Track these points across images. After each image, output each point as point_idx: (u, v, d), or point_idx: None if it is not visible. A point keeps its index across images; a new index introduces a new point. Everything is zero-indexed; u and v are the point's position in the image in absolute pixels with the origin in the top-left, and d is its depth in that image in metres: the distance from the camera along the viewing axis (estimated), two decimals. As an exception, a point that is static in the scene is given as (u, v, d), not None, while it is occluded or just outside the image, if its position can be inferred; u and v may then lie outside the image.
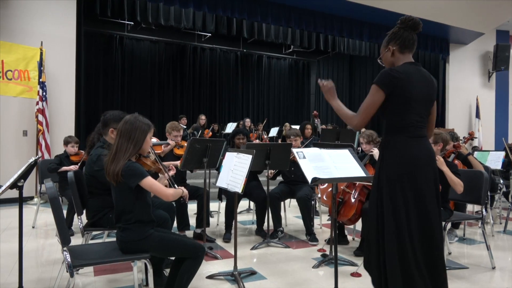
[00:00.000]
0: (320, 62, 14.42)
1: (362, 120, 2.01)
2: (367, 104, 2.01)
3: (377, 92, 1.98)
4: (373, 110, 2.01)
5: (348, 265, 3.34)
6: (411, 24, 2.06)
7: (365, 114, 2.00)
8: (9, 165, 5.95)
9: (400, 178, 1.96)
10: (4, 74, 6.21)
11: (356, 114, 2.04)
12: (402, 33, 2.06)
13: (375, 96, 1.99)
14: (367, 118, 2.01)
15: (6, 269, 3.15)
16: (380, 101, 1.99)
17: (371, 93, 2.01)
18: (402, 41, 2.05)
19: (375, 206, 2.07)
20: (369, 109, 2.00)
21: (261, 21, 8.03)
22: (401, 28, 2.07)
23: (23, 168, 2.38)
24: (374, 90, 1.99)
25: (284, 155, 3.96)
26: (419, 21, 2.07)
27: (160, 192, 2.14)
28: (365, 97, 2.04)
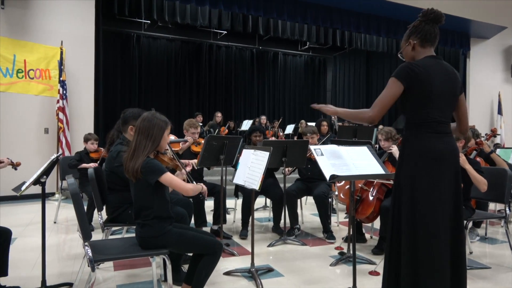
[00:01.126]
0: (337, 59, 14.29)
1: (377, 112, 1.94)
2: (383, 96, 1.95)
3: (394, 85, 1.93)
4: (389, 103, 1.95)
5: (366, 263, 3.31)
6: (433, 17, 2.00)
7: (380, 107, 1.94)
8: (31, 161, 6.11)
9: (421, 175, 1.91)
10: (27, 73, 6.37)
11: (371, 107, 2.00)
12: (423, 26, 2.00)
13: (392, 89, 1.94)
14: (382, 111, 1.95)
15: (29, 263, 3.24)
16: (397, 94, 1.93)
17: (388, 85, 1.96)
18: (424, 35, 2.00)
19: (393, 204, 2.04)
20: (385, 102, 1.94)
21: (277, 18, 8.00)
22: (422, 21, 2.01)
23: (45, 164, 2.44)
24: (392, 82, 1.94)
25: (301, 152, 3.94)
26: (442, 13, 2.01)
27: (180, 187, 2.16)
28: None
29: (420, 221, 1.89)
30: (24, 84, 6.35)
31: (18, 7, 6.27)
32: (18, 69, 6.30)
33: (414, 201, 1.91)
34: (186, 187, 2.18)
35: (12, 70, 6.24)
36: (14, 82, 6.26)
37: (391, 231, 2.03)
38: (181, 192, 2.19)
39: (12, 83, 6.25)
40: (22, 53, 6.31)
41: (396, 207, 2.02)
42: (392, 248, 2.01)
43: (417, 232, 1.89)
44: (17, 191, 2.39)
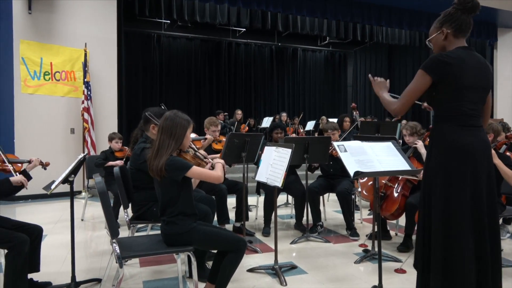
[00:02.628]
0: (357, 53, 14.05)
1: (402, 105, 1.91)
2: (410, 89, 1.91)
3: (423, 77, 1.87)
4: (416, 96, 1.90)
5: (391, 261, 3.25)
6: (470, 6, 1.90)
7: (406, 99, 1.90)
8: (58, 161, 6.29)
9: (451, 169, 1.85)
10: (53, 76, 6.57)
11: (398, 99, 1.95)
12: (459, 16, 1.90)
13: (420, 82, 1.88)
14: (408, 103, 1.91)
15: (59, 259, 3.34)
16: (425, 87, 1.88)
17: (416, 78, 1.90)
18: (459, 24, 1.91)
19: (422, 199, 1.99)
20: (411, 95, 1.90)
21: (296, 13, 7.93)
22: (458, 9, 1.91)
23: (73, 164, 2.51)
24: (420, 75, 1.89)
25: (323, 148, 3.90)
26: (478, 3, 1.91)
27: (210, 177, 2.21)
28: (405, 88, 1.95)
29: (451, 217, 1.83)
30: (51, 86, 6.55)
31: (44, 11, 6.46)
32: (45, 72, 6.50)
33: (445, 197, 1.85)
34: (216, 174, 2.22)
35: (39, 73, 6.45)
36: (41, 85, 6.47)
37: (422, 228, 1.99)
38: (213, 181, 2.23)
39: (39, 85, 6.45)
40: (48, 56, 6.51)
41: (425, 203, 1.97)
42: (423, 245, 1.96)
43: (448, 229, 1.84)
44: (47, 190, 2.47)
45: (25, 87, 6.33)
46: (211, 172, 2.24)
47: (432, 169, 1.93)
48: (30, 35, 6.37)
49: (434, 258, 1.87)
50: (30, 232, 2.54)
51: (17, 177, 2.49)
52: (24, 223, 2.62)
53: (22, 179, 2.49)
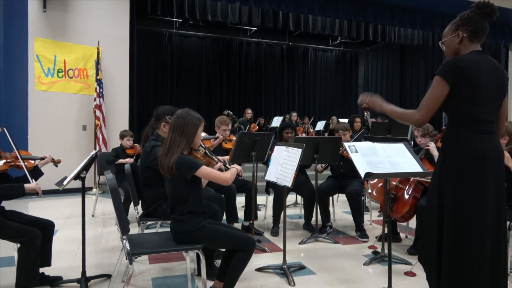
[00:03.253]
0: (369, 53, 13.95)
1: (424, 115, 1.86)
2: (430, 97, 1.86)
3: (441, 84, 1.83)
4: (437, 104, 1.85)
5: (401, 263, 3.22)
6: (489, 11, 1.86)
7: (428, 108, 1.85)
8: (70, 157, 6.37)
9: (464, 176, 1.83)
10: (66, 73, 6.65)
11: (418, 109, 1.91)
12: (477, 20, 1.86)
13: (439, 88, 1.84)
14: (430, 113, 1.86)
15: (70, 254, 3.39)
16: (444, 93, 1.84)
17: (434, 85, 1.86)
18: (475, 29, 1.87)
19: (434, 205, 1.95)
20: (432, 103, 1.85)
21: (308, 13, 7.90)
22: (476, 13, 1.87)
23: (85, 160, 2.53)
24: (437, 81, 1.84)
25: (333, 149, 3.88)
26: (497, 9, 1.87)
27: (218, 178, 2.21)
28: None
29: (462, 224, 1.81)
30: (64, 83, 6.64)
31: (59, 10, 6.55)
32: (59, 69, 6.58)
33: (456, 203, 1.83)
34: (225, 176, 2.22)
35: (53, 70, 6.54)
36: (55, 82, 6.56)
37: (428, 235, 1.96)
38: (221, 182, 2.23)
39: (53, 83, 6.54)
40: (62, 54, 6.59)
41: (433, 208, 1.94)
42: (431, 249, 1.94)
43: (459, 236, 1.81)
44: (59, 186, 2.50)
45: (39, 84, 6.43)
46: (219, 173, 2.24)
47: (445, 175, 1.90)
48: (44, 33, 6.46)
49: (446, 265, 1.84)
50: (42, 227, 2.58)
51: (32, 185, 2.50)
52: (37, 218, 2.66)
53: (37, 187, 2.51)
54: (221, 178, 2.21)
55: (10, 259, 3.13)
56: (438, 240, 1.91)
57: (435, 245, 1.92)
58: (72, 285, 2.69)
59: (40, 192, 2.54)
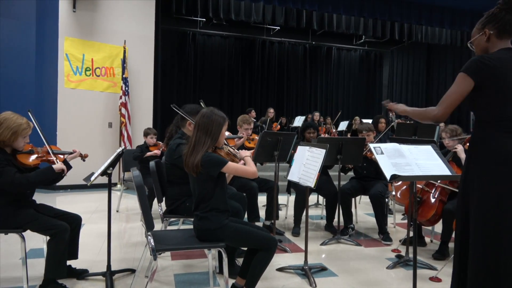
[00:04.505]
0: (394, 53, 13.64)
1: (443, 111, 1.81)
2: (451, 93, 1.81)
3: (464, 81, 1.78)
4: (457, 100, 1.81)
5: (426, 268, 3.14)
6: None
7: (448, 104, 1.81)
8: (96, 154, 6.55)
9: (493, 178, 1.76)
10: (94, 71, 6.83)
11: (437, 104, 1.86)
12: (503, 16, 1.80)
13: (462, 85, 1.79)
14: (450, 109, 1.81)
15: (95, 248, 3.48)
16: (466, 91, 1.79)
17: (457, 81, 1.81)
18: (503, 25, 1.81)
19: (461, 209, 1.90)
20: (453, 99, 1.80)
21: (332, 11, 7.82)
22: (503, 9, 1.81)
23: (112, 157, 2.59)
24: (461, 78, 1.80)
25: (357, 150, 3.83)
26: None
27: (246, 172, 2.25)
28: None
29: (491, 229, 1.74)
30: (91, 81, 6.82)
31: (87, 10, 6.73)
32: (86, 68, 6.76)
33: (484, 208, 1.77)
34: (251, 169, 2.26)
35: (81, 69, 6.72)
36: (82, 80, 6.74)
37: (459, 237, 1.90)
38: (249, 176, 2.27)
39: (81, 81, 6.73)
40: (90, 53, 6.77)
41: (462, 213, 1.88)
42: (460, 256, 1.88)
43: (487, 241, 1.75)
44: (87, 181, 2.56)
45: (68, 82, 6.62)
46: (246, 167, 2.26)
47: (470, 177, 1.84)
48: (73, 33, 6.65)
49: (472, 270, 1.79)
50: (70, 221, 2.65)
51: (58, 165, 2.59)
52: (65, 212, 2.74)
53: (62, 166, 2.59)
54: (249, 171, 2.25)
55: (39, 251, 3.25)
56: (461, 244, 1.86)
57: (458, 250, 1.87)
58: (98, 278, 2.76)
59: (66, 171, 2.62)
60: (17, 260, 3.08)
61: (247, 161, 2.33)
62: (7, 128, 2.47)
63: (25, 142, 2.61)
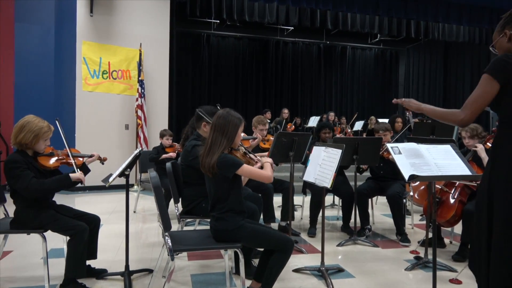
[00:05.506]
0: (410, 51, 13.44)
1: (469, 115, 1.77)
2: (477, 96, 1.76)
3: (489, 82, 1.74)
4: (484, 103, 1.76)
5: (445, 270, 3.08)
6: None
7: (474, 107, 1.76)
8: (114, 155, 6.65)
9: None
10: (110, 74, 6.95)
11: (462, 108, 1.82)
12: None
13: (487, 87, 1.74)
14: (476, 112, 1.77)
15: (113, 248, 3.53)
16: (493, 92, 1.74)
17: (482, 83, 1.77)
18: None
19: (484, 210, 1.85)
20: (479, 102, 1.75)
21: (347, 11, 7.75)
22: None
23: (130, 158, 2.63)
24: (486, 80, 1.75)
25: (373, 150, 3.78)
26: None
27: (260, 176, 2.21)
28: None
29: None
30: (108, 84, 6.93)
31: (104, 14, 6.85)
32: (103, 71, 6.89)
33: (509, 211, 1.72)
34: (266, 174, 2.23)
35: (98, 72, 6.85)
36: (100, 83, 6.87)
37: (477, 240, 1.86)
38: (263, 180, 2.23)
39: (98, 84, 6.86)
40: (107, 56, 6.89)
41: (482, 215, 1.83)
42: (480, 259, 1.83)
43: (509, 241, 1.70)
44: (105, 182, 2.61)
45: (86, 85, 6.75)
46: (261, 171, 2.24)
47: (494, 179, 1.79)
48: (91, 36, 6.78)
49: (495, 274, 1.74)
50: (89, 221, 2.70)
51: (77, 174, 2.61)
52: (84, 213, 2.79)
53: (81, 176, 2.61)
54: (263, 175, 2.22)
55: (59, 251, 3.32)
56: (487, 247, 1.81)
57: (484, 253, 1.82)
58: (116, 278, 2.80)
59: (84, 180, 2.64)
60: (38, 260, 3.15)
61: (266, 166, 2.30)
62: (29, 131, 2.54)
63: (46, 144, 2.67)
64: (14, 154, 2.56)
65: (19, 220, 2.56)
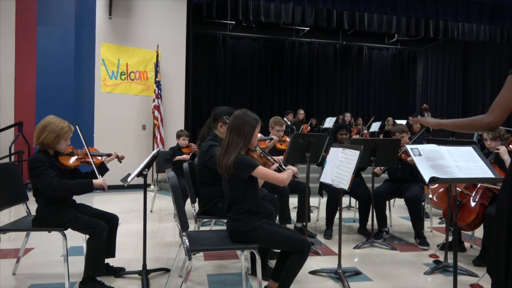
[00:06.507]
0: (428, 51, 13.20)
1: (498, 118, 1.70)
2: (503, 98, 1.70)
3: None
4: (511, 106, 1.71)
5: (466, 274, 3.00)
6: None
7: (502, 109, 1.70)
8: (131, 155, 6.75)
9: None
10: (128, 76, 7.06)
11: (488, 111, 1.76)
12: None
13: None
14: (504, 115, 1.70)
15: (131, 247, 3.57)
16: None
17: (507, 85, 1.71)
18: None
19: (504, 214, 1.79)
20: (506, 106, 1.69)
21: (364, 10, 7.67)
22: None
23: (148, 158, 2.65)
24: (511, 81, 1.71)
25: (391, 151, 3.72)
26: None
27: (275, 179, 2.20)
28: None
29: None
30: (126, 85, 7.04)
31: (122, 16, 6.97)
32: (121, 72, 7.00)
33: None
34: (282, 177, 2.22)
35: (116, 73, 6.97)
36: (118, 84, 6.98)
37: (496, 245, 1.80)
38: (277, 183, 2.23)
39: (116, 85, 6.97)
40: (125, 58, 7.00)
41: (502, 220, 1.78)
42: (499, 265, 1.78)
43: None
44: (124, 182, 2.64)
45: (104, 86, 6.87)
46: (276, 173, 2.23)
47: None
48: (109, 38, 6.91)
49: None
50: (108, 220, 2.74)
51: (99, 180, 2.67)
52: (103, 212, 2.83)
53: (103, 183, 2.67)
54: (278, 178, 2.21)
55: (78, 249, 3.38)
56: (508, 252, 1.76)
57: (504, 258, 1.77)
58: (134, 277, 2.83)
59: (106, 187, 2.70)
60: (58, 257, 3.22)
61: (287, 172, 2.29)
62: (51, 132, 2.60)
63: (66, 144, 2.73)
64: (37, 154, 2.62)
65: (40, 218, 2.62)
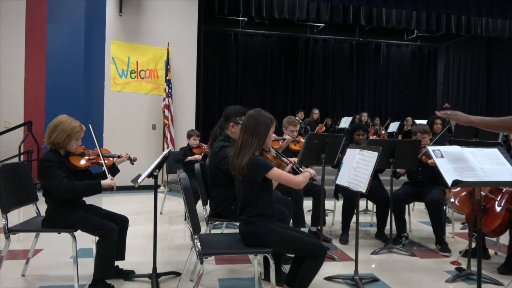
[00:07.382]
0: (450, 48, 12.72)
1: None
2: None
3: None
4: None
5: (490, 283, 2.85)
6: None
7: None
8: (141, 155, 6.69)
9: None
10: (138, 74, 7.02)
11: None
12: None
13: None
14: None
15: (141, 249, 3.51)
16: None
17: None
18: None
19: None
20: None
21: (382, 6, 7.46)
22: None
23: (158, 159, 2.58)
24: None
25: (411, 153, 3.56)
26: None
27: (290, 181, 2.11)
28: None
29: None
30: (136, 84, 7.01)
31: (133, 14, 6.93)
32: (132, 70, 6.96)
33: None
34: (297, 179, 2.12)
35: (126, 71, 6.94)
36: (128, 82, 6.95)
37: None
38: (293, 186, 2.14)
39: (126, 83, 6.94)
40: (135, 56, 6.97)
41: None
42: None
43: None
44: (135, 183, 2.57)
45: (114, 85, 6.85)
46: (291, 176, 2.13)
47: None
48: (119, 36, 6.87)
49: None
50: (118, 222, 2.68)
51: (108, 181, 2.61)
52: (113, 213, 2.77)
53: (112, 183, 2.62)
54: (293, 181, 2.11)
55: (87, 251, 3.33)
56: None
57: None
58: (144, 280, 2.76)
59: (115, 187, 2.64)
60: (67, 259, 3.17)
61: (304, 174, 2.19)
62: (62, 131, 2.56)
63: (77, 144, 2.68)
64: (48, 153, 2.58)
65: (50, 219, 2.57)
